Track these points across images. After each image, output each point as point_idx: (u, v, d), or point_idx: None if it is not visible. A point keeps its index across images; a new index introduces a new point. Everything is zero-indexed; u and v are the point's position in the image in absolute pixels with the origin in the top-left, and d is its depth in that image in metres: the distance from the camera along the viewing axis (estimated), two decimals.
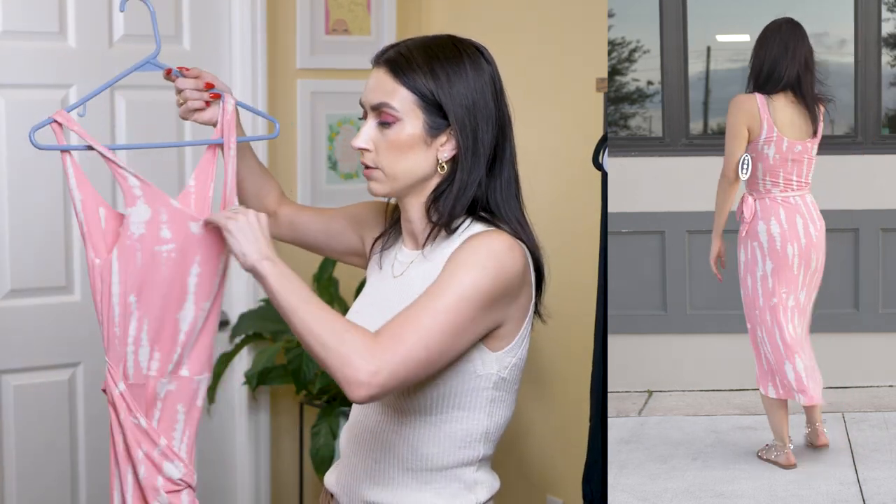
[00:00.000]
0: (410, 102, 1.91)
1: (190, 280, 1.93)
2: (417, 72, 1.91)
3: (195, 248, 1.93)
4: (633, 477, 2.83)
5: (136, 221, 1.89)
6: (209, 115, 2.06)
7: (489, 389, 1.93)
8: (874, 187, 3.50)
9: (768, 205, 2.80)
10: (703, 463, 2.92)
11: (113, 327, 1.92)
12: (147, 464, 1.94)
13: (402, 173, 1.92)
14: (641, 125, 3.66)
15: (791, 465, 2.82)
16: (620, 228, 3.56)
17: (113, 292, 1.91)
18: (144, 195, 1.90)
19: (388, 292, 1.99)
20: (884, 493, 2.65)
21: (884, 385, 3.51)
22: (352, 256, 2.20)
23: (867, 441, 3.02)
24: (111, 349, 1.93)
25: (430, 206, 1.95)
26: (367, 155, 1.93)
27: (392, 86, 1.91)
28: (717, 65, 3.66)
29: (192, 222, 1.92)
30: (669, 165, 3.60)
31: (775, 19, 2.81)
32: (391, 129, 1.91)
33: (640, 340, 3.62)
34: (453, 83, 1.92)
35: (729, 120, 2.79)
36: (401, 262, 2.01)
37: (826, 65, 3.03)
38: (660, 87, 3.61)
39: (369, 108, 1.93)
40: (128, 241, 1.90)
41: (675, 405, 3.46)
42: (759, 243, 2.80)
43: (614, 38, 3.58)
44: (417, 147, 1.92)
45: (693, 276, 3.61)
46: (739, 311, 3.07)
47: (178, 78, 2.04)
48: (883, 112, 3.52)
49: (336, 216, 2.20)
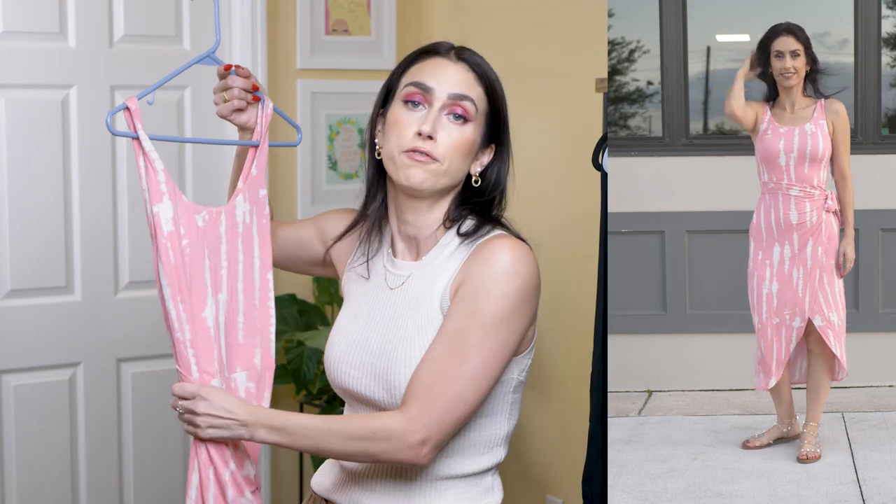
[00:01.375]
0: (483, 107, 1.91)
1: (206, 274, 1.91)
2: (495, 82, 1.92)
3: (202, 241, 1.92)
4: (632, 477, 2.83)
5: (165, 219, 1.88)
6: (246, 117, 2.03)
7: (510, 393, 1.93)
8: (874, 187, 3.49)
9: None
10: (703, 463, 2.91)
11: (175, 332, 1.88)
12: (235, 461, 1.90)
13: (454, 173, 1.89)
14: (641, 125, 3.66)
15: (797, 435, 2.84)
16: (620, 228, 3.56)
17: (165, 296, 1.87)
18: (168, 191, 1.89)
19: (387, 305, 1.94)
20: (884, 493, 2.65)
21: (884, 385, 3.51)
22: (317, 267, 2.14)
23: (867, 441, 3.02)
24: (180, 357, 1.88)
25: (449, 216, 1.92)
26: (431, 145, 1.86)
27: (474, 84, 1.90)
28: (717, 65, 3.66)
29: (197, 215, 1.92)
30: (669, 165, 3.60)
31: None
32: (463, 126, 1.88)
33: (639, 340, 3.61)
34: (504, 102, 1.95)
35: None
36: (396, 275, 1.95)
37: (826, 65, 3.03)
38: (659, 87, 3.61)
39: (447, 95, 1.87)
40: (162, 241, 1.87)
41: (674, 405, 3.46)
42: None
43: (614, 38, 3.58)
44: (470, 153, 1.91)
45: (693, 275, 3.60)
46: (739, 311, 3.08)
47: (232, 76, 2.02)
48: (883, 112, 3.52)
49: (305, 226, 2.15)
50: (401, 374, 1.85)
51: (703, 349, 3.61)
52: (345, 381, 1.94)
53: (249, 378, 1.97)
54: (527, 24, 3.53)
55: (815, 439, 2.89)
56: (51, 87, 3.30)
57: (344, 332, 1.97)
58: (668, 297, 3.62)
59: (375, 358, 1.90)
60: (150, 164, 1.88)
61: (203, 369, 1.89)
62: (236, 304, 1.96)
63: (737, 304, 3.33)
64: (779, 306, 2.84)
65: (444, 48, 1.93)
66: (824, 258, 2.80)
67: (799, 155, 2.76)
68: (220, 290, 1.93)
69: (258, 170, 1.99)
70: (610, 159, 2.80)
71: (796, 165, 2.77)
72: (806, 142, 2.75)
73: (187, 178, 3.50)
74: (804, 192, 2.78)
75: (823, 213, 2.80)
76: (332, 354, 1.97)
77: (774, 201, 2.81)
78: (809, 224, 2.79)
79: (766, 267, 2.83)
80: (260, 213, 2.00)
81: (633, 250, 3.60)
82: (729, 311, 3.54)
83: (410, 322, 1.89)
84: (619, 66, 3.62)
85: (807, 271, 2.79)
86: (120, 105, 1.90)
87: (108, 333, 3.43)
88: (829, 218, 2.81)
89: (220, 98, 2.03)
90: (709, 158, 3.58)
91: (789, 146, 2.76)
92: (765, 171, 2.83)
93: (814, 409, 2.91)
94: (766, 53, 2.81)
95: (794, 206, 2.80)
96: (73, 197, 3.34)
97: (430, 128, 1.85)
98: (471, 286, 1.82)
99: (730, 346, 3.55)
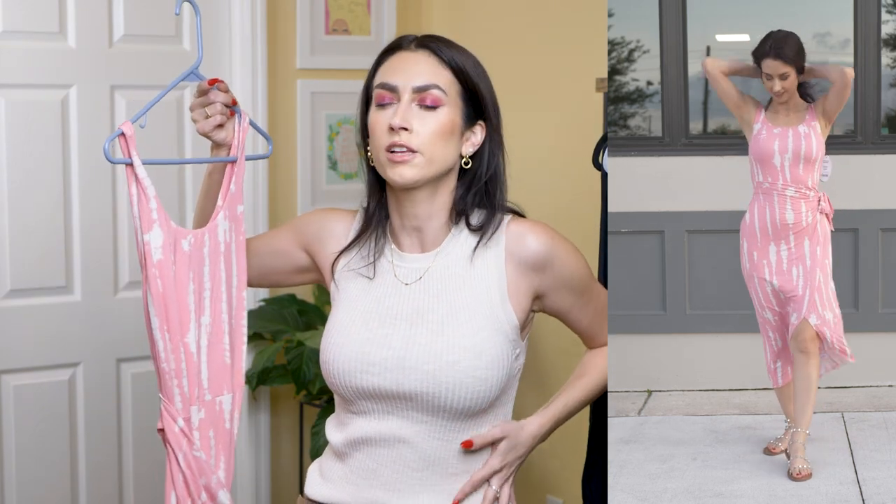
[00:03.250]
0: (454, 89, 1.91)
1: (189, 298, 1.90)
2: (463, 61, 1.92)
3: (188, 266, 1.90)
4: (632, 477, 2.83)
5: (155, 247, 1.85)
6: (226, 133, 1.99)
7: (516, 378, 1.98)
8: (874, 187, 3.50)
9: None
10: (703, 463, 2.91)
11: (160, 363, 1.87)
12: (206, 494, 1.92)
13: (440, 159, 1.90)
14: (641, 125, 3.66)
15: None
16: (620, 228, 3.56)
17: (153, 327, 1.86)
18: (159, 218, 1.86)
19: (405, 300, 1.94)
20: (883, 492, 2.65)
21: (883, 385, 3.51)
22: (300, 274, 2.10)
23: (867, 441, 3.02)
24: (164, 385, 1.88)
25: (454, 203, 1.94)
26: (406, 136, 1.87)
27: (438, 69, 1.90)
28: None
29: (184, 240, 1.89)
30: (669, 165, 3.60)
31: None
32: (434, 113, 1.88)
33: (639, 340, 3.61)
34: (483, 78, 1.94)
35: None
36: (409, 269, 1.96)
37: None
38: (659, 87, 3.61)
39: (411, 89, 1.89)
40: (152, 270, 1.85)
41: (674, 405, 3.46)
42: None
43: (614, 38, 3.58)
44: (455, 135, 1.91)
45: (692, 275, 3.60)
46: (739, 311, 3.08)
47: (214, 91, 1.96)
48: (883, 112, 3.52)
49: (281, 233, 2.10)
50: (442, 363, 1.87)
51: (703, 349, 3.61)
52: (359, 379, 1.92)
53: (234, 400, 1.97)
54: (527, 24, 3.53)
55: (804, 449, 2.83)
56: (51, 86, 3.30)
57: (351, 332, 1.95)
58: (668, 296, 3.62)
59: (402, 352, 1.90)
60: (143, 191, 1.85)
61: (186, 399, 1.89)
62: (221, 326, 1.94)
63: (737, 304, 3.32)
64: (780, 304, 2.84)
65: (407, 41, 1.94)
66: (820, 258, 2.80)
67: (793, 156, 2.76)
68: (203, 312, 1.92)
69: (236, 186, 1.96)
70: (610, 159, 2.80)
71: (791, 166, 2.77)
72: (800, 143, 2.75)
73: (188, 178, 3.49)
74: (799, 192, 2.78)
75: (818, 214, 2.81)
76: (341, 355, 1.94)
77: (769, 201, 2.81)
78: (805, 224, 2.79)
79: (765, 267, 2.83)
80: (238, 231, 1.97)
81: (633, 250, 3.60)
82: (729, 311, 3.54)
83: (436, 314, 1.91)
84: (618, 66, 3.62)
85: (807, 270, 2.79)
86: (116, 131, 1.86)
87: (107, 333, 3.43)
88: (822, 219, 2.82)
89: (202, 115, 1.97)
90: (709, 158, 3.58)
91: (784, 147, 2.76)
92: (759, 172, 2.83)
93: (805, 412, 2.84)
94: (758, 62, 2.81)
95: (789, 206, 2.80)
96: (73, 197, 3.34)
97: (399, 120, 1.87)
98: (557, 276, 1.96)
99: (729, 346, 3.55)
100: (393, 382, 1.90)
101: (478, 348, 1.89)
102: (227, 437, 1.95)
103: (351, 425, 1.96)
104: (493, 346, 1.90)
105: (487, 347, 1.90)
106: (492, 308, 1.92)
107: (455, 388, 1.87)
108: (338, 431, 1.99)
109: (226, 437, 1.95)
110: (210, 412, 1.93)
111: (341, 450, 1.98)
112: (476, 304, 1.91)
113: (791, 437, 2.83)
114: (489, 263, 1.93)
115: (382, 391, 1.91)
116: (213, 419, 1.94)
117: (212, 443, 1.93)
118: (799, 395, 2.86)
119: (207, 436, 1.93)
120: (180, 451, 1.90)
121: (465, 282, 1.93)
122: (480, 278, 1.93)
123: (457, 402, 1.88)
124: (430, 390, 1.87)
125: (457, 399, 1.88)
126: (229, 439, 1.96)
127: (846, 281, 3.50)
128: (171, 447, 1.91)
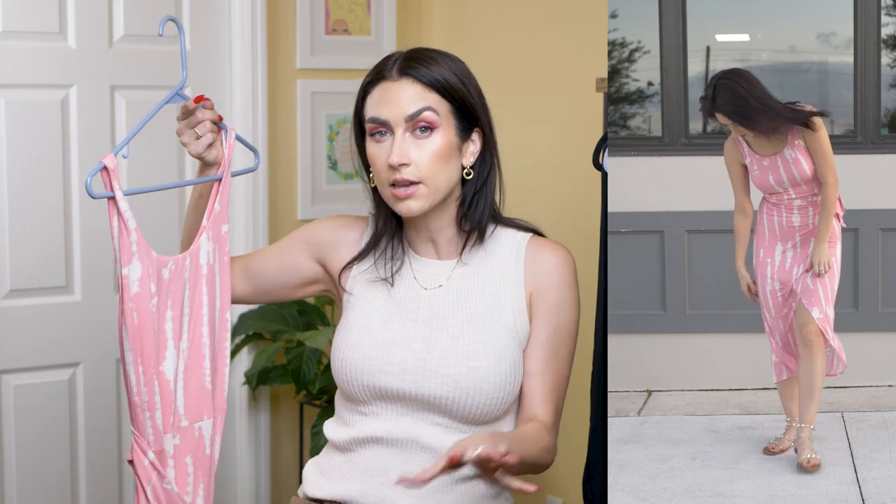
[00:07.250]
0: (444, 108, 1.90)
1: (167, 326, 1.87)
2: (446, 77, 1.90)
3: (167, 294, 1.87)
4: (632, 477, 2.83)
5: (133, 280, 1.83)
6: (216, 152, 1.95)
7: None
8: (874, 187, 3.50)
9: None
10: (703, 463, 2.91)
11: (132, 396, 1.86)
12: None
13: (444, 184, 1.90)
14: (641, 125, 3.66)
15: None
16: (620, 228, 3.56)
17: (127, 360, 1.85)
18: (138, 251, 1.83)
19: (425, 304, 1.95)
20: (883, 492, 2.65)
21: (883, 385, 3.51)
22: (305, 288, 2.09)
23: (866, 441, 3.02)
24: (135, 418, 1.87)
25: (461, 215, 1.95)
26: (406, 170, 1.87)
27: (424, 94, 1.88)
28: (716, 65, 3.65)
29: (164, 268, 1.87)
30: (669, 165, 3.60)
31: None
32: (430, 138, 1.88)
33: (639, 340, 3.61)
34: (469, 85, 1.93)
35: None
36: (430, 274, 1.97)
37: (825, 65, 3.03)
38: (659, 87, 3.61)
39: (403, 120, 1.87)
40: (130, 304, 1.83)
41: (674, 405, 3.46)
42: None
43: (614, 38, 3.58)
44: (454, 154, 1.91)
45: (692, 275, 3.61)
46: (739, 310, 3.08)
47: (201, 109, 1.92)
48: (883, 112, 3.52)
49: (287, 247, 2.07)
50: (463, 368, 1.89)
51: (703, 349, 3.61)
52: (377, 379, 1.92)
53: (215, 424, 1.95)
54: (527, 24, 3.53)
55: (810, 442, 2.85)
56: (51, 86, 3.30)
57: (371, 332, 1.95)
58: (668, 296, 3.62)
59: (423, 354, 1.91)
60: (125, 224, 1.82)
61: (157, 430, 1.87)
62: (201, 350, 1.92)
63: (736, 303, 3.32)
64: (784, 300, 2.86)
65: (388, 69, 1.91)
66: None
67: (790, 181, 2.79)
68: (181, 337, 1.90)
69: (220, 205, 1.93)
70: (610, 159, 2.80)
71: (792, 187, 2.80)
72: (791, 170, 2.77)
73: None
74: (807, 200, 2.80)
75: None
76: (360, 354, 1.94)
77: (777, 209, 2.85)
78: (812, 225, 2.81)
79: (768, 265, 2.85)
80: (222, 251, 1.94)
81: (633, 250, 3.60)
82: (728, 311, 3.54)
83: (456, 319, 1.93)
84: (619, 66, 3.62)
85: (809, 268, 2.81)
86: (98, 166, 1.83)
87: (108, 333, 3.42)
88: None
89: (192, 136, 1.93)
90: (709, 158, 3.58)
91: (778, 179, 2.79)
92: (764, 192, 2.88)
93: (809, 408, 2.85)
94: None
95: (797, 211, 2.83)
96: (73, 197, 3.34)
97: (397, 158, 1.86)
98: (548, 299, 1.95)
99: (729, 345, 3.55)
100: (412, 384, 1.90)
101: (497, 355, 1.91)
102: (206, 462, 1.93)
103: (358, 425, 1.96)
104: (510, 353, 1.92)
105: (506, 354, 1.92)
106: (508, 317, 1.94)
107: (475, 393, 1.88)
108: (341, 430, 1.99)
109: (206, 462, 1.93)
110: (187, 438, 1.91)
111: (346, 446, 1.97)
112: (494, 312, 1.94)
113: (796, 432, 2.84)
114: (507, 274, 1.96)
115: (400, 392, 1.91)
116: (190, 446, 1.91)
117: (189, 469, 1.91)
118: (803, 391, 2.87)
119: (184, 462, 1.91)
120: (149, 484, 1.87)
121: (484, 290, 1.95)
122: (499, 287, 1.95)
123: (475, 407, 1.89)
124: (450, 394, 1.88)
125: (475, 404, 1.89)
126: (209, 465, 1.93)
127: (846, 281, 3.50)
128: (139, 480, 1.88)
